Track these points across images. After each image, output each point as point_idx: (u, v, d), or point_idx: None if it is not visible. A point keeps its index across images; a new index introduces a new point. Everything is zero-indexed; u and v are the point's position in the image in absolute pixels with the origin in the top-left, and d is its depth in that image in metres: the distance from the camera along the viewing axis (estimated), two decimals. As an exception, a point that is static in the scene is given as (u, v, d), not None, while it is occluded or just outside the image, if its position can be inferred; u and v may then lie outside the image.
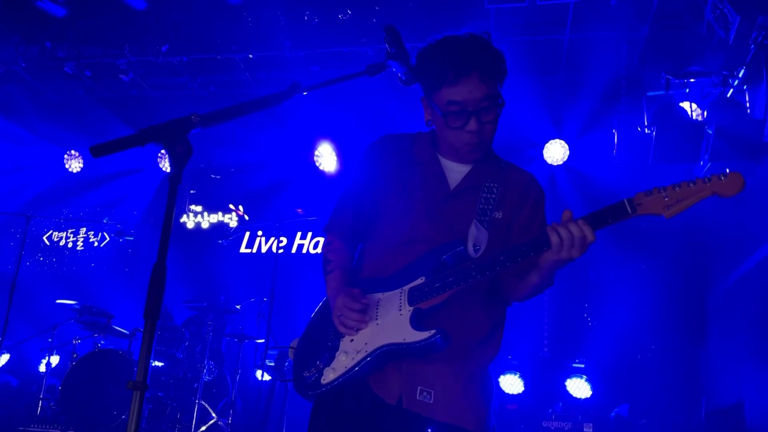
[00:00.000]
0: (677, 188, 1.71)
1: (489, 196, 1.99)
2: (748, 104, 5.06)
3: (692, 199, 1.70)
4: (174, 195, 1.60)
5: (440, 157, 2.06)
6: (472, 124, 1.90)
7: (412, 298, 1.89)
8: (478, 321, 1.97)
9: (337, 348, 1.93)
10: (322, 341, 2.00)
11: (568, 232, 1.73)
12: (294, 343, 2.13)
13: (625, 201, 1.74)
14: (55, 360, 5.95)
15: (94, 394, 5.20)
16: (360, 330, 1.91)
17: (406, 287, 1.92)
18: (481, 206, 1.97)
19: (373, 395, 1.87)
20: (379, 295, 1.95)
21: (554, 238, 1.73)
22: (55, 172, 8.22)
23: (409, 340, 1.82)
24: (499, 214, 1.98)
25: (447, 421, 1.86)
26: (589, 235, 1.73)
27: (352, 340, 1.91)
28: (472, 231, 1.92)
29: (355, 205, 2.13)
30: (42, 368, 5.76)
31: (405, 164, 2.07)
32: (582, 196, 6.86)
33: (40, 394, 5.51)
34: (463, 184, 2.01)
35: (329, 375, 1.88)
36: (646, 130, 5.78)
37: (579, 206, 6.65)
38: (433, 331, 1.80)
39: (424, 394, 1.85)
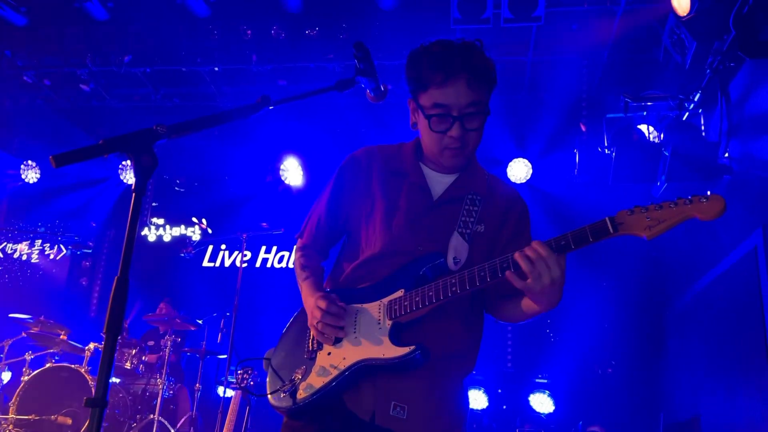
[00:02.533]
0: (658, 209, 1.65)
1: (471, 208, 1.98)
2: (703, 127, 5.25)
3: (673, 221, 1.64)
4: (138, 207, 1.57)
5: (423, 167, 2.04)
6: (455, 130, 1.88)
7: (391, 311, 1.86)
8: (456, 334, 1.94)
9: (313, 361, 1.89)
10: (298, 354, 1.96)
11: (534, 255, 1.67)
12: (269, 353, 2.09)
13: (607, 219, 1.67)
14: (6, 376, 5.72)
15: (48, 412, 5.02)
16: (337, 340, 1.87)
17: (385, 300, 1.89)
18: (463, 218, 1.96)
19: (347, 411, 1.83)
20: (357, 306, 1.92)
21: (522, 263, 1.68)
22: (11, 182, 7.97)
23: (388, 355, 1.80)
24: (481, 228, 1.97)
25: None
26: (545, 254, 1.67)
27: (329, 354, 1.88)
28: (453, 243, 1.91)
29: (330, 215, 2.11)
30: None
31: (387, 174, 2.05)
32: (546, 213, 6.99)
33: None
34: (446, 195, 1.99)
35: (306, 391, 1.85)
36: (606, 150, 5.94)
37: (543, 223, 6.78)
38: (412, 347, 1.78)
39: (398, 409, 1.82)
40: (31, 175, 7.89)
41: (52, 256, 7.98)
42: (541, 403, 6.08)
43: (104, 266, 7.82)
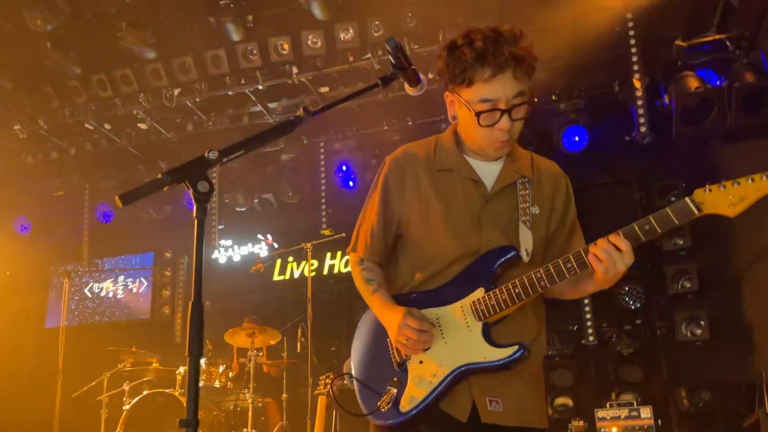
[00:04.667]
0: (736, 186, 1.64)
1: (524, 192, 1.96)
2: (764, 64, 4.98)
3: (753, 197, 1.63)
4: (202, 232, 1.62)
5: (469, 159, 2.00)
6: (504, 122, 1.84)
7: (478, 312, 1.85)
8: (531, 321, 1.95)
9: (406, 373, 1.89)
10: (385, 365, 1.96)
11: (606, 254, 1.72)
12: (347, 366, 2.11)
13: (688, 200, 1.67)
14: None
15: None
16: (426, 350, 1.88)
17: (467, 300, 1.87)
18: (522, 205, 1.93)
19: (444, 414, 1.85)
20: (436, 310, 1.91)
21: (596, 265, 1.74)
22: (89, 225, 8.41)
23: (491, 358, 1.81)
24: (536, 210, 1.95)
25: (518, 425, 1.86)
26: (624, 248, 1.71)
27: (421, 362, 1.88)
28: (521, 234, 1.90)
29: (382, 223, 2.06)
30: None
31: (434, 172, 2.01)
32: (608, 182, 6.80)
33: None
34: (499, 184, 1.96)
35: (410, 403, 1.85)
36: (666, 100, 5.71)
37: (606, 194, 6.61)
38: (515, 347, 1.80)
39: (494, 404, 1.84)
40: (105, 215, 8.27)
41: (135, 290, 8.38)
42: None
43: (183, 293, 8.14)
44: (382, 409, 1.89)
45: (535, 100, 1.88)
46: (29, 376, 7.91)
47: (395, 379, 1.91)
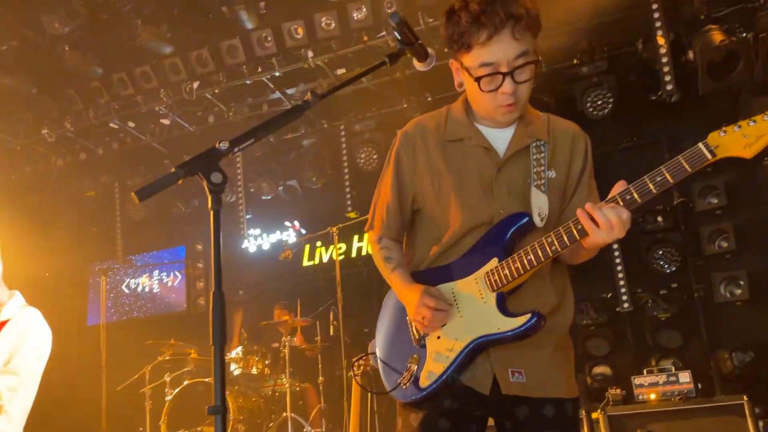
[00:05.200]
0: (752, 124, 1.57)
1: (539, 156, 1.90)
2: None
3: None
4: (218, 223, 1.63)
5: (480, 126, 1.96)
6: (507, 86, 1.79)
7: (491, 282, 1.82)
8: (551, 290, 1.91)
9: (425, 348, 1.90)
10: (405, 342, 1.96)
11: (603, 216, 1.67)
12: (371, 346, 2.12)
13: (701, 145, 1.61)
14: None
15: (194, 425, 5.43)
16: (443, 326, 1.87)
17: (481, 272, 1.85)
18: (535, 169, 1.88)
19: (465, 388, 1.84)
20: (452, 285, 1.90)
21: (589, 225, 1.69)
22: (120, 223, 8.58)
23: (504, 328, 1.78)
24: (552, 173, 1.90)
25: (543, 396, 1.84)
26: (623, 214, 1.66)
27: (438, 338, 1.87)
28: (533, 198, 1.85)
29: (397, 199, 2.05)
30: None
31: (445, 143, 1.98)
32: (634, 144, 6.64)
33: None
34: (511, 149, 1.91)
35: (429, 379, 1.85)
36: (691, 56, 5.53)
37: (635, 156, 6.45)
38: (528, 315, 1.76)
39: (516, 374, 1.82)
40: (135, 211, 8.44)
41: (170, 284, 8.55)
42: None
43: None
44: (403, 386, 1.91)
45: (539, 59, 1.81)
46: (75, 373, 8.15)
47: (415, 355, 1.92)
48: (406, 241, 2.12)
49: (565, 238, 1.74)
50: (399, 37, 1.88)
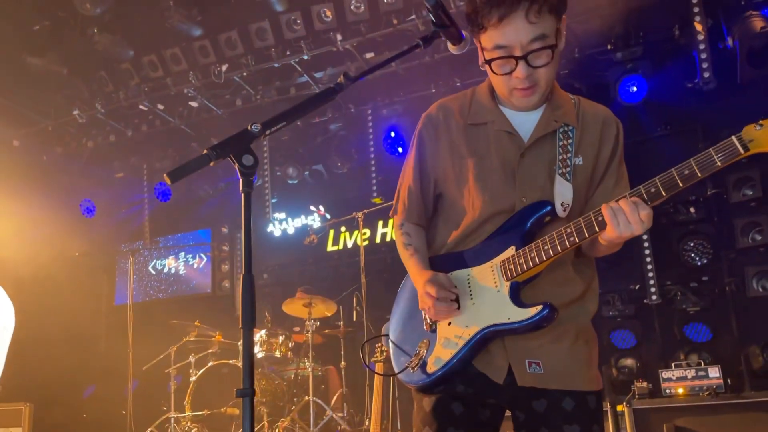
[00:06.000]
0: None
1: (566, 142, 1.83)
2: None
3: None
4: (249, 206, 1.61)
5: (504, 110, 1.90)
6: (520, 70, 1.73)
7: (507, 271, 1.78)
8: (571, 280, 1.85)
9: (435, 333, 1.87)
10: (417, 327, 1.94)
11: (620, 210, 1.62)
12: (385, 328, 2.10)
13: (734, 138, 1.52)
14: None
15: (217, 406, 5.50)
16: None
17: (497, 260, 1.80)
18: (561, 156, 1.81)
19: (480, 375, 1.81)
20: (467, 272, 1.86)
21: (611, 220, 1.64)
22: (148, 205, 8.69)
23: (514, 319, 1.73)
24: (579, 160, 1.83)
25: (561, 388, 1.78)
26: (643, 211, 1.60)
27: (449, 323, 1.84)
28: (557, 187, 1.79)
29: (419, 182, 2.01)
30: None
31: (469, 126, 1.92)
32: (671, 132, 6.48)
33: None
34: (536, 133, 1.85)
35: (436, 364, 1.83)
36: (730, 42, 5.36)
37: (673, 144, 6.30)
38: (539, 306, 1.71)
39: (534, 366, 1.77)
40: (164, 193, 8.53)
41: (196, 266, 8.65)
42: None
43: (241, 267, 8.32)
44: (411, 370, 1.89)
45: (556, 45, 1.73)
46: (103, 351, 8.33)
47: (426, 340, 1.89)
48: (430, 226, 2.08)
49: (585, 230, 1.69)
50: (434, 20, 1.83)
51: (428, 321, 1.91)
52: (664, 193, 1.61)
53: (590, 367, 1.86)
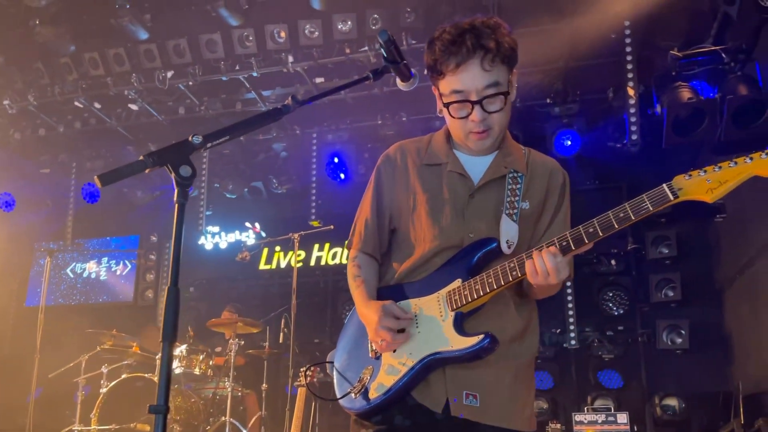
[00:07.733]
0: (717, 170, 1.61)
1: (514, 186, 1.94)
2: (758, 77, 5.00)
3: (734, 181, 1.59)
4: (182, 217, 1.59)
5: (458, 153, 2.01)
6: (475, 114, 1.84)
7: (452, 302, 1.84)
8: (512, 318, 1.92)
9: (380, 360, 1.90)
10: (362, 354, 1.97)
11: (540, 261, 1.73)
12: (331, 356, 2.11)
13: (665, 186, 1.65)
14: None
15: (127, 420, 5.25)
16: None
17: (443, 291, 1.87)
18: (509, 198, 1.92)
19: (417, 405, 1.84)
20: (415, 301, 1.91)
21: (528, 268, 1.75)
22: (74, 205, 8.33)
23: (457, 347, 1.78)
24: (525, 205, 1.93)
25: (495, 424, 1.82)
26: (549, 262, 1.71)
27: (394, 351, 1.88)
28: (503, 226, 1.88)
29: (375, 216, 2.08)
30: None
31: (424, 167, 2.03)
32: (598, 186, 6.82)
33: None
34: (486, 177, 1.95)
35: (377, 391, 1.85)
36: (659, 109, 5.72)
37: (597, 196, 6.62)
38: (481, 336, 1.76)
39: (471, 398, 1.81)
40: (91, 195, 8.20)
41: (119, 273, 8.32)
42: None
43: (167, 278, 8.06)
44: (353, 396, 1.91)
45: (508, 92, 1.86)
46: (7, 354, 7.84)
47: (370, 367, 1.92)
48: (383, 261, 2.14)
49: (518, 269, 1.79)
50: (385, 55, 1.89)
51: (373, 349, 1.94)
52: (601, 234, 1.71)
53: (526, 407, 1.91)
